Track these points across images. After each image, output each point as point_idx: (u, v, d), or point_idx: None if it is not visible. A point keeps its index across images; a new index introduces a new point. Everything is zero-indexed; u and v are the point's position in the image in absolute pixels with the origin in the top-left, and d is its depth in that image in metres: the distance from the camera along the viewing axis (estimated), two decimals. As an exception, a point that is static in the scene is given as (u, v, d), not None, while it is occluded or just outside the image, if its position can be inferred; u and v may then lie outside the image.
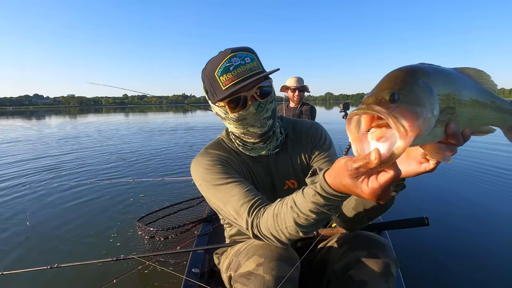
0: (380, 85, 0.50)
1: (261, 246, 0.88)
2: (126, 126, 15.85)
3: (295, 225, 0.74)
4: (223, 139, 1.11)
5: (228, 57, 0.88)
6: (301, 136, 1.12)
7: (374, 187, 0.51)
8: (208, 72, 0.93)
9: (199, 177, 0.98)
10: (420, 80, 0.49)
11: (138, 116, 29.96)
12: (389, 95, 0.47)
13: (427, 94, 0.48)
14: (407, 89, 0.48)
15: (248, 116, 0.94)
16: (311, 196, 0.67)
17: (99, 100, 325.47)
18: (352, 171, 0.53)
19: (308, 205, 0.69)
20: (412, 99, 0.47)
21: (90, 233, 2.70)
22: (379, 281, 0.87)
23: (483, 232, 2.45)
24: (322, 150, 1.08)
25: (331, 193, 0.63)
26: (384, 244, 0.93)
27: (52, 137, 10.67)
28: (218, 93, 0.93)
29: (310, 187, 0.68)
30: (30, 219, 3.03)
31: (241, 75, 0.89)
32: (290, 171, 1.09)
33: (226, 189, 0.92)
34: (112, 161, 5.95)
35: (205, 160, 0.99)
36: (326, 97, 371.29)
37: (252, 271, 0.83)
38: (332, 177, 0.60)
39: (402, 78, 0.49)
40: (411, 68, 0.52)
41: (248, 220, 0.86)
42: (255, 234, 0.86)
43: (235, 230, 1.14)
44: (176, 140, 9.26)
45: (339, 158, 0.58)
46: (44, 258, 2.29)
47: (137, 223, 2.15)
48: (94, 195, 3.73)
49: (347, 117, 2.20)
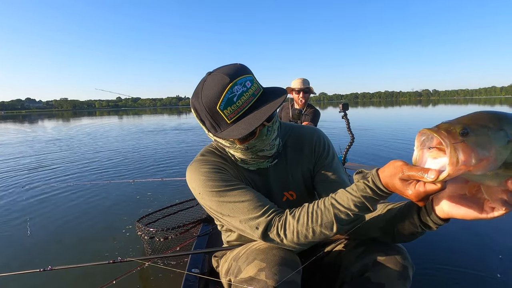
0: (460, 118, 0.55)
1: (262, 251, 0.86)
2: (123, 128, 15.83)
3: (334, 220, 0.76)
4: (217, 147, 1.05)
5: (229, 88, 0.80)
6: (303, 145, 1.06)
7: (420, 191, 0.58)
8: (206, 105, 0.83)
9: (199, 185, 0.93)
10: (502, 129, 0.52)
11: (132, 118, 29.81)
12: (461, 129, 0.51)
13: (500, 142, 0.51)
14: (480, 130, 0.52)
15: (258, 144, 0.91)
16: (361, 189, 0.71)
17: (92, 103, 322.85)
18: (405, 175, 0.60)
19: (354, 198, 0.73)
20: (480, 140, 0.51)
21: (90, 233, 2.69)
22: (397, 283, 0.87)
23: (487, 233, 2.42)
24: (328, 162, 1.04)
25: (380, 188, 0.68)
26: (402, 248, 0.93)
27: (50, 139, 10.66)
28: (222, 127, 0.86)
29: (361, 181, 0.72)
30: (29, 220, 3.01)
31: (247, 104, 0.83)
32: (289, 182, 1.05)
33: (233, 195, 0.88)
34: (112, 162, 5.95)
35: (204, 168, 0.94)
36: (320, 97, 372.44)
37: (253, 277, 0.81)
38: (384, 175, 0.66)
39: (483, 120, 0.53)
40: (497, 115, 0.55)
41: (264, 220, 0.84)
42: (268, 235, 0.84)
43: (234, 236, 1.11)
44: (175, 141, 9.28)
45: (395, 160, 0.64)
46: (43, 259, 2.27)
47: (137, 224, 2.15)
48: (94, 196, 3.72)
49: (346, 116, 2.21)
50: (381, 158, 5.48)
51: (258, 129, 0.87)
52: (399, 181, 0.61)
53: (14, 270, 1.56)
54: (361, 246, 0.97)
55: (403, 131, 9.78)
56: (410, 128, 10.58)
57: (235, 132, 0.82)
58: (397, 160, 0.64)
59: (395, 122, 13.36)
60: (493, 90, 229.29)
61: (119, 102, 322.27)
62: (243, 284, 0.82)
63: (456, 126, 0.52)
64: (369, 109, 32.57)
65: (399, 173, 0.61)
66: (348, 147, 2.95)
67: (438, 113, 22.04)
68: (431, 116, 18.75)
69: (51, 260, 2.23)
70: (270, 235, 0.83)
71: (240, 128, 0.82)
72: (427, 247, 2.21)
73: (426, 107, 34.74)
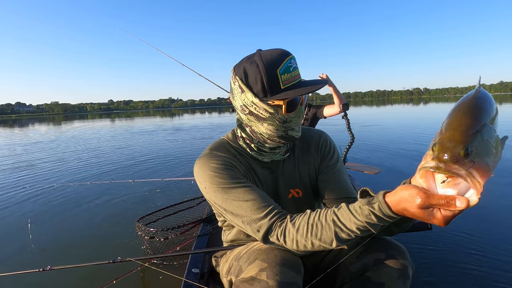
0: (452, 136, 0.55)
1: (263, 251, 0.86)
2: (119, 130, 15.78)
3: (334, 238, 0.75)
4: (229, 141, 1.05)
5: (288, 58, 0.88)
6: (310, 144, 1.10)
7: (449, 217, 0.57)
8: (267, 66, 0.87)
9: (205, 180, 0.93)
10: (485, 124, 0.56)
11: (125, 121, 29.56)
12: (464, 151, 0.52)
13: (492, 138, 0.56)
14: (477, 140, 0.54)
15: (293, 119, 0.93)
16: (365, 215, 0.69)
17: (84, 106, 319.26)
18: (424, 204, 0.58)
19: (358, 222, 0.71)
20: (483, 150, 0.54)
21: (90, 233, 2.69)
22: (397, 283, 0.87)
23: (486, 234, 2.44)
24: (332, 163, 1.08)
25: (388, 215, 0.66)
26: (401, 247, 0.94)
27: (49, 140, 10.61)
28: (275, 90, 0.88)
29: (365, 206, 0.70)
30: (30, 220, 3.00)
31: (297, 78, 0.90)
32: (296, 179, 1.07)
33: (238, 193, 0.89)
34: (112, 162, 5.95)
35: (213, 163, 0.94)
36: (312, 97, 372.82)
37: (255, 276, 0.80)
38: (395, 202, 0.64)
39: (470, 127, 0.55)
40: (474, 111, 0.58)
41: (265, 223, 0.84)
42: (269, 239, 0.84)
43: (234, 234, 1.11)
44: (175, 141, 9.30)
45: (405, 186, 0.62)
46: (43, 258, 2.27)
47: (137, 224, 2.15)
48: (94, 196, 3.72)
49: (346, 116, 2.23)
50: (379, 159, 5.52)
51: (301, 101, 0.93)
52: (418, 210, 0.59)
53: (13, 270, 1.55)
54: (362, 246, 0.97)
55: (397, 129, 9.91)
56: (403, 126, 10.72)
57: (290, 94, 0.87)
58: (408, 185, 0.62)
59: (390, 120, 13.57)
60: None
61: (111, 105, 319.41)
62: (244, 284, 0.82)
63: (457, 150, 0.53)
64: (362, 108, 32.81)
65: (413, 201, 0.59)
66: (348, 146, 2.98)
67: (429, 110, 22.31)
68: (423, 115, 18.93)
69: (52, 260, 2.23)
70: (270, 239, 0.84)
71: (294, 92, 0.87)
72: (427, 246, 2.24)
73: (418, 106, 35.12)
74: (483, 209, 3.01)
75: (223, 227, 1.18)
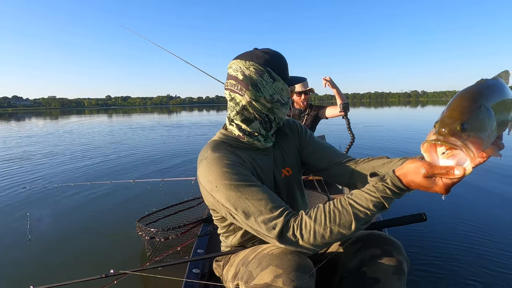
0: (451, 114, 0.64)
1: (276, 256, 0.84)
2: (118, 126, 15.69)
3: (353, 219, 0.77)
4: (222, 141, 1.07)
5: None
6: (284, 131, 1.22)
7: (448, 184, 0.66)
8: (282, 60, 1.07)
9: (217, 178, 0.90)
10: (481, 105, 0.63)
11: (123, 117, 29.48)
12: (460, 126, 0.60)
13: (487, 117, 0.63)
14: (473, 117, 0.61)
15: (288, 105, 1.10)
16: (380, 190, 0.75)
17: (81, 101, 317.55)
18: (428, 174, 0.66)
19: (374, 199, 0.76)
20: (477, 126, 0.61)
21: (90, 233, 2.69)
22: (392, 278, 0.90)
23: (480, 225, 2.48)
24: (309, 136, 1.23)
25: (400, 187, 0.74)
26: (397, 243, 0.96)
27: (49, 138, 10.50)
28: (285, 77, 1.07)
29: (379, 183, 0.76)
30: (30, 220, 2.99)
31: None
32: (284, 159, 1.17)
33: (251, 192, 0.88)
34: (112, 162, 5.92)
35: (224, 160, 0.94)
36: (311, 97, 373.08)
37: (270, 283, 0.79)
38: (403, 175, 0.73)
39: (467, 106, 0.63)
40: (472, 94, 0.66)
41: (281, 220, 0.83)
42: (285, 236, 0.82)
43: (238, 238, 1.10)
44: (175, 140, 9.25)
45: (411, 160, 0.71)
46: (41, 259, 2.26)
47: (137, 224, 2.14)
48: (94, 196, 3.71)
49: (346, 116, 2.25)
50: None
51: None
52: (423, 179, 0.67)
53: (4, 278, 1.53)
54: (359, 242, 1.00)
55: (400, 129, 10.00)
56: (405, 127, 10.79)
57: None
58: (413, 159, 0.72)
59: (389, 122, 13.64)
60: None
61: (108, 101, 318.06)
62: None
63: (454, 126, 0.61)
64: (360, 110, 32.92)
65: (419, 173, 0.68)
66: (348, 146, 2.98)
67: (426, 113, 22.45)
68: (421, 117, 19.04)
69: (52, 260, 2.22)
70: (286, 236, 0.82)
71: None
72: (423, 241, 2.26)
73: (415, 108, 35.29)
74: (479, 205, 3.05)
75: (225, 233, 1.15)
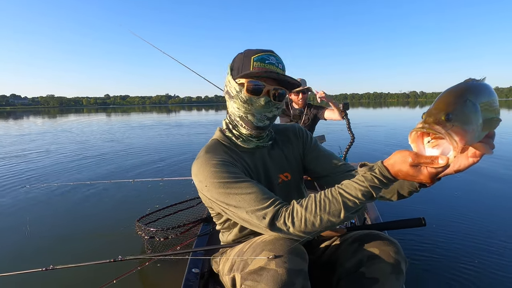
0: (437, 106, 0.66)
1: (269, 241, 0.86)
2: (118, 126, 15.71)
3: (343, 208, 0.79)
4: (219, 139, 1.10)
5: (268, 53, 0.99)
6: (289, 136, 1.21)
7: (433, 173, 0.68)
8: (246, 53, 1.01)
9: (206, 177, 0.94)
10: (468, 99, 0.65)
11: (121, 116, 29.42)
12: (445, 116, 0.63)
13: (473, 111, 0.65)
14: (458, 109, 0.64)
15: (255, 105, 1.00)
16: (369, 180, 0.77)
17: (80, 100, 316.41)
18: (414, 163, 0.69)
19: (362, 188, 0.78)
20: (462, 118, 0.63)
21: (90, 233, 2.69)
22: (390, 278, 0.90)
23: (479, 230, 2.48)
24: (313, 144, 1.21)
25: (387, 177, 0.76)
26: (395, 243, 0.96)
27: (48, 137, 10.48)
28: (244, 70, 0.99)
29: (368, 173, 0.78)
30: (30, 219, 2.99)
31: (270, 71, 0.97)
32: (283, 164, 1.15)
33: (240, 187, 0.90)
34: (112, 161, 5.93)
35: (213, 161, 0.96)
36: (309, 97, 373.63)
37: (263, 266, 0.81)
38: (391, 165, 0.75)
39: (454, 100, 0.66)
40: (459, 90, 0.68)
41: (271, 210, 0.85)
42: (275, 224, 0.84)
43: (234, 234, 1.11)
44: (174, 140, 9.26)
45: (399, 151, 0.73)
46: (44, 258, 2.27)
47: (137, 223, 2.14)
48: (94, 195, 3.71)
49: (346, 116, 2.27)
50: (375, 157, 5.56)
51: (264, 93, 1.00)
52: (409, 168, 0.70)
53: (15, 270, 1.55)
54: (356, 242, 1.00)
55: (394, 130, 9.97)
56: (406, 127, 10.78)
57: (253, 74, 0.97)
58: (401, 150, 0.74)
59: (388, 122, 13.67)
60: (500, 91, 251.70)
61: (107, 100, 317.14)
62: (252, 275, 0.82)
63: (440, 115, 0.63)
64: (359, 110, 32.96)
65: (405, 162, 0.70)
66: (348, 146, 2.99)
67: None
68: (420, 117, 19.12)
69: (52, 260, 2.18)
70: (277, 224, 0.84)
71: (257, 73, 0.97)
72: (422, 241, 2.27)
73: (414, 109, 35.36)
74: (478, 205, 3.06)
75: (222, 230, 1.18)
